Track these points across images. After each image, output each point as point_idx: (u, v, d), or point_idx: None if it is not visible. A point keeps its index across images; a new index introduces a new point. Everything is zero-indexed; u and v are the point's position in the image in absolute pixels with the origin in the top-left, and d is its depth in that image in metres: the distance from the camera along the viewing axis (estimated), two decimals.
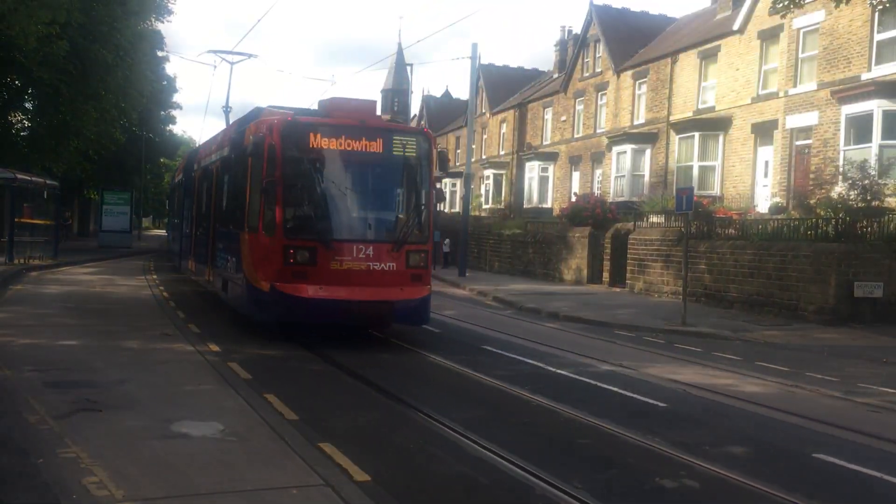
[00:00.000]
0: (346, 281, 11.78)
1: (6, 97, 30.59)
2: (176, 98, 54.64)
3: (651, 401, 9.41)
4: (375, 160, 12.44)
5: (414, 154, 12.71)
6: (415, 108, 66.84)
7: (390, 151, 12.45)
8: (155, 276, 24.72)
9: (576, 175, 37.65)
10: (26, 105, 32.94)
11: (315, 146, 11.99)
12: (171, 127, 60.30)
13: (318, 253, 11.75)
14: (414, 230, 12.53)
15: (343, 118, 12.37)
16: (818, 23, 22.79)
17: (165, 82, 49.29)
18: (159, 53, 42.56)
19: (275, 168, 11.92)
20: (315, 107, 13.94)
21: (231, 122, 20.37)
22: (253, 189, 12.75)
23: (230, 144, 15.29)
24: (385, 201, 13.08)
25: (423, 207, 12.80)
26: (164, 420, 7.21)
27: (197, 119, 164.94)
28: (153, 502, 5.17)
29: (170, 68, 50.57)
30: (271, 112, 13.50)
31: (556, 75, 44.26)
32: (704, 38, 28.95)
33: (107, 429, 6.84)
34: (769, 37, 25.37)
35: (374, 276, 11.95)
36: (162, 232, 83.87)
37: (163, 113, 53.97)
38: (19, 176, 24.89)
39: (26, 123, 33.69)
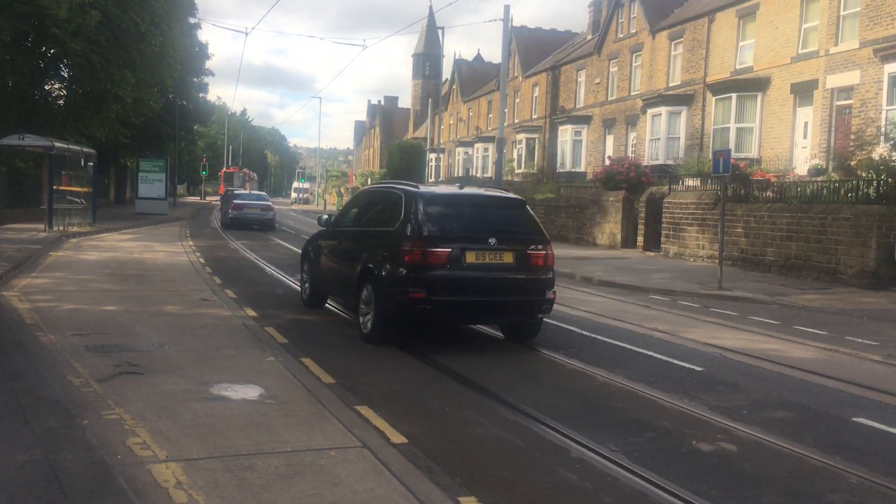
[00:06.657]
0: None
1: (42, 66, 30.84)
2: (208, 65, 54.78)
3: (687, 365, 9.36)
4: (240, 176, 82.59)
5: (245, 173, 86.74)
6: (446, 72, 66.25)
7: (240, 174, 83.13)
8: (191, 243, 25.01)
9: (609, 138, 37.22)
10: (62, 73, 33.17)
11: (228, 174, 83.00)
12: (203, 94, 60.51)
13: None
14: (256, 186, 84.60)
15: (231, 169, 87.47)
16: None
17: (197, 49, 49.40)
18: (191, 20, 42.63)
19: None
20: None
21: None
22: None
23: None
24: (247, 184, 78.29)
25: (257, 184, 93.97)
26: (203, 383, 7.33)
27: (228, 88, 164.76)
28: (195, 462, 5.27)
29: (201, 35, 50.51)
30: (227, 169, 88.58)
31: (589, 37, 43.59)
32: None
33: (148, 391, 6.98)
34: None
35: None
36: (196, 198, 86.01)
37: (195, 80, 54.11)
38: (57, 144, 25.20)
39: (63, 92, 33.92)
